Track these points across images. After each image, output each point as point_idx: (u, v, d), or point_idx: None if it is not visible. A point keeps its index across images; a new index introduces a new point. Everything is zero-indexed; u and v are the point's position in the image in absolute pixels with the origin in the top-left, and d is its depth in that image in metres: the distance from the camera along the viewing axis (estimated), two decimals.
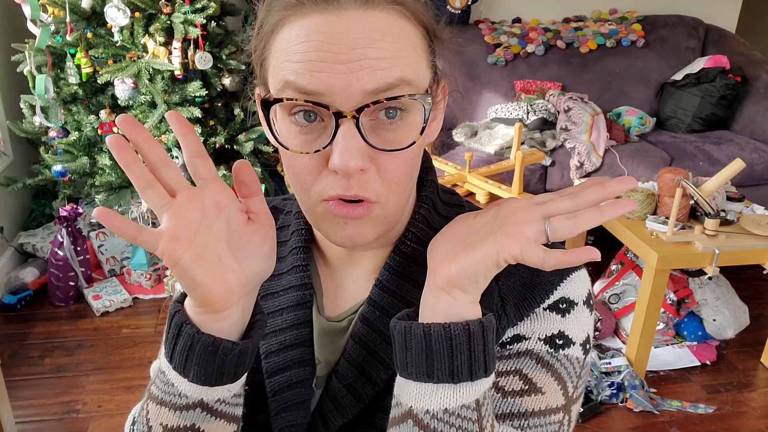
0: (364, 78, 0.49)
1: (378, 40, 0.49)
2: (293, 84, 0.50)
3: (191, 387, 0.53)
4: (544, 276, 0.60)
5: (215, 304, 0.51)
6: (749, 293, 2.66)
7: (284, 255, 0.67)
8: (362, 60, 0.49)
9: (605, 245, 2.97)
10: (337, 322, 0.65)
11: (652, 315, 2.07)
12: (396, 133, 0.53)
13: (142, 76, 2.44)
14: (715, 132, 3.24)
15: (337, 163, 0.50)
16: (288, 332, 0.64)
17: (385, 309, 0.61)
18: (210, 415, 0.55)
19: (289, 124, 0.53)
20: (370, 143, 0.51)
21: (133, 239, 0.48)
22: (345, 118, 0.50)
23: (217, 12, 2.56)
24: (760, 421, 2.03)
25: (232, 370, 0.53)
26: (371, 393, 0.61)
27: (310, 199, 0.55)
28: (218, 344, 0.51)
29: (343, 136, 0.50)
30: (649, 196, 2.15)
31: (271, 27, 0.53)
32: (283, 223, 0.70)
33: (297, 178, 0.55)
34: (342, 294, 0.67)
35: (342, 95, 0.49)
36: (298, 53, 0.50)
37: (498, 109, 3.19)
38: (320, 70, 0.49)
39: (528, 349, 0.59)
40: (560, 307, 0.60)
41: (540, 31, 3.45)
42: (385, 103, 0.50)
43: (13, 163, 2.87)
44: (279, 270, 0.67)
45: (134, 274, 2.70)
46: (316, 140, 0.52)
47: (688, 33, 3.52)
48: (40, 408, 2.02)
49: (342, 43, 0.49)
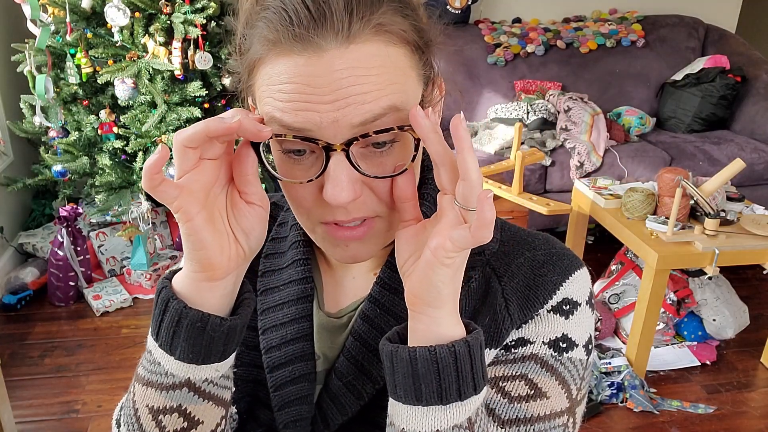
0: (350, 113, 0.48)
1: (363, 76, 0.48)
2: (280, 121, 0.50)
3: (178, 365, 0.52)
4: (547, 276, 0.60)
5: (216, 270, 0.51)
6: (749, 293, 2.66)
7: (284, 250, 0.67)
8: (348, 97, 0.48)
9: (605, 245, 2.97)
10: (336, 318, 0.65)
11: (652, 315, 2.07)
12: (387, 158, 0.52)
13: (142, 76, 2.44)
14: (715, 132, 3.24)
15: (330, 195, 0.50)
16: (289, 326, 0.64)
17: (386, 306, 0.61)
18: (197, 395, 0.54)
19: (280, 155, 0.53)
20: (362, 172, 0.51)
21: (152, 188, 0.48)
22: (335, 151, 0.50)
23: (217, 12, 2.56)
24: (760, 421, 2.03)
25: (220, 348, 0.53)
26: (371, 391, 0.61)
27: (308, 221, 0.56)
28: (206, 320, 0.51)
29: (333, 169, 0.50)
30: (649, 196, 2.15)
31: (252, 62, 0.52)
32: (283, 219, 0.70)
33: (294, 204, 0.56)
34: (341, 290, 0.67)
35: (330, 130, 0.49)
36: (281, 93, 0.49)
37: (498, 109, 3.19)
38: (306, 109, 0.49)
39: (533, 354, 0.59)
40: (564, 308, 0.60)
41: (540, 31, 3.45)
42: (374, 137, 0.50)
43: (13, 163, 2.87)
44: (279, 265, 0.67)
45: (134, 274, 2.70)
46: (308, 169, 0.52)
47: (688, 33, 3.52)
48: (40, 408, 2.02)
49: (325, 86, 0.48)
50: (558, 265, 0.61)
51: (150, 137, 2.48)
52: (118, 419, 0.62)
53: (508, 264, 0.62)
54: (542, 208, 2.15)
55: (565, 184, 2.88)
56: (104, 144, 2.54)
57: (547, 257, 0.62)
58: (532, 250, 0.63)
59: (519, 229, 0.66)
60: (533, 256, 0.62)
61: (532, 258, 0.62)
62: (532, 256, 0.62)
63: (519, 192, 2.24)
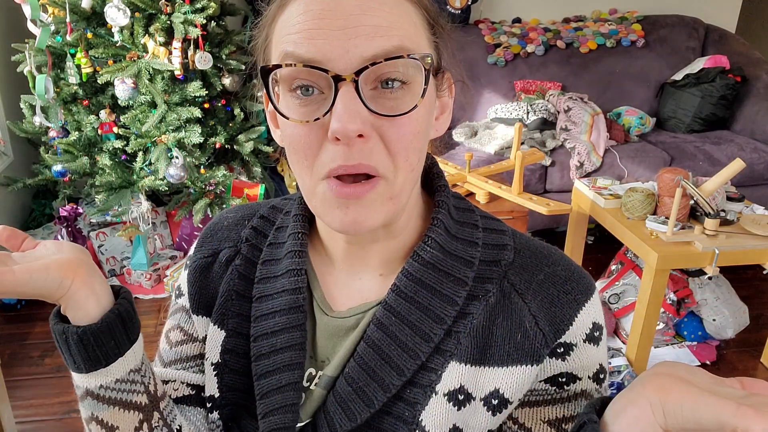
0: (361, 45, 0.49)
1: (374, 8, 0.50)
2: (292, 54, 0.51)
3: (77, 377, 0.58)
4: (571, 294, 0.61)
5: (54, 295, 0.55)
6: (749, 293, 2.66)
7: (280, 257, 0.67)
8: (358, 26, 0.49)
9: (605, 245, 2.97)
10: (343, 318, 0.64)
11: (652, 315, 2.07)
12: (397, 102, 0.52)
13: (142, 76, 2.44)
14: (715, 132, 3.24)
15: (336, 126, 0.49)
16: (279, 335, 0.63)
17: (402, 315, 0.60)
18: (100, 402, 0.58)
19: (288, 98, 0.53)
20: (370, 108, 0.50)
21: None
22: (344, 82, 0.49)
23: (217, 12, 2.56)
24: None
25: (95, 353, 0.56)
26: (382, 399, 0.59)
27: (311, 178, 0.54)
28: (66, 330, 0.55)
29: (341, 99, 0.49)
30: (649, 196, 2.15)
31: (273, 10, 0.55)
32: (282, 223, 0.70)
33: (297, 155, 0.54)
34: (348, 292, 0.66)
35: (340, 62, 0.49)
36: (296, 24, 0.51)
37: (498, 109, 3.19)
38: (317, 37, 0.50)
39: (583, 390, 0.60)
40: (595, 335, 0.61)
41: (540, 31, 3.45)
42: (384, 64, 0.50)
43: (13, 163, 2.87)
44: (274, 272, 0.66)
45: (134, 274, 2.70)
46: (315, 111, 0.52)
47: (688, 33, 3.52)
48: (40, 408, 2.02)
49: (337, 9, 0.49)
50: (580, 283, 0.62)
51: (150, 137, 2.48)
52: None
53: (529, 280, 0.61)
54: (542, 208, 2.15)
55: (565, 184, 2.88)
56: (104, 144, 2.54)
57: (568, 274, 0.62)
58: (551, 266, 0.62)
59: (529, 239, 0.66)
60: (553, 272, 0.62)
61: (552, 274, 0.62)
62: (552, 272, 0.62)
63: (519, 192, 2.24)
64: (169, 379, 0.70)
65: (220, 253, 0.71)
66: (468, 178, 2.36)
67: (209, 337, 0.69)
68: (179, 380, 0.70)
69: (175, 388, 0.70)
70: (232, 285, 0.68)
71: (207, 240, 0.73)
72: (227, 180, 2.65)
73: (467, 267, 0.61)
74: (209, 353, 0.69)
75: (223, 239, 0.72)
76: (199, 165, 2.61)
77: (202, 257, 0.71)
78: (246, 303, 0.67)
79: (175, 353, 0.71)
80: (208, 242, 0.72)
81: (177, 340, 0.72)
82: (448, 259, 0.61)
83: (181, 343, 0.72)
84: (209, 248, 0.72)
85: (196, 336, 0.71)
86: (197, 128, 2.52)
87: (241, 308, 0.68)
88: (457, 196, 0.68)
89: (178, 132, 2.49)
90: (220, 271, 0.70)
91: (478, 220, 0.65)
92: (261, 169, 2.83)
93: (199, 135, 2.51)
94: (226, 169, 2.65)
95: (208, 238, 0.73)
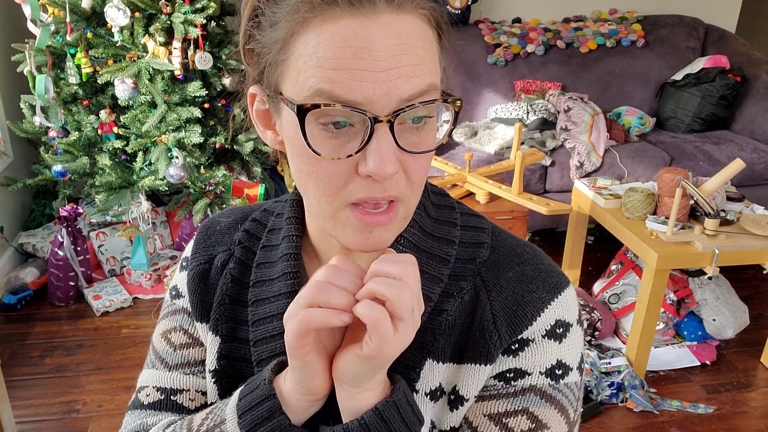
0: (402, 86, 0.49)
1: (413, 46, 0.49)
2: (329, 93, 0.48)
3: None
4: (536, 293, 0.61)
5: (320, 393, 0.55)
6: (749, 293, 2.66)
7: (275, 260, 0.67)
8: (400, 67, 0.48)
9: (605, 245, 2.98)
10: None
11: (652, 315, 2.07)
12: (420, 137, 0.53)
13: (142, 76, 2.44)
14: (715, 132, 3.24)
15: (374, 168, 0.50)
16: (279, 339, 0.64)
17: None
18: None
19: (316, 130, 0.51)
20: (402, 147, 0.51)
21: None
22: (380, 123, 0.49)
23: (217, 12, 2.56)
24: (760, 421, 2.03)
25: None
26: None
27: (333, 203, 0.54)
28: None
29: (379, 140, 0.49)
30: (649, 196, 2.15)
31: (290, 27, 0.50)
32: (274, 225, 0.70)
33: (322, 184, 0.53)
34: None
35: (380, 103, 0.49)
36: (334, 60, 0.48)
37: (498, 109, 3.19)
38: (359, 79, 0.48)
39: (531, 385, 0.60)
40: (557, 332, 0.60)
41: (540, 31, 3.45)
42: (419, 108, 0.50)
43: (13, 163, 2.87)
44: (269, 276, 0.66)
45: (134, 274, 2.70)
46: (345, 145, 0.51)
47: (688, 33, 3.52)
48: (40, 408, 2.02)
49: (381, 50, 0.47)
50: (547, 282, 0.61)
51: (150, 137, 2.48)
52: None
53: (497, 277, 0.62)
54: (542, 208, 2.15)
55: (565, 184, 2.88)
56: (104, 144, 2.54)
57: (535, 273, 0.62)
58: (521, 265, 0.63)
59: (509, 236, 0.66)
60: (522, 271, 0.62)
61: (520, 273, 0.62)
62: (520, 270, 0.62)
63: (519, 192, 2.24)
64: (183, 387, 0.70)
65: (215, 258, 0.71)
66: (468, 178, 2.36)
67: (208, 345, 0.69)
68: (193, 389, 0.70)
69: (191, 398, 0.70)
70: (225, 289, 0.68)
71: (201, 245, 0.73)
72: (227, 180, 2.65)
73: (442, 264, 0.62)
74: (208, 361, 0.69)
75: (217, 243, 0.72)
76: (199, 165, 2.61)
77: (199, 264, 0.71)
78: (240, 307, 0.68)
79: (180, 356, 0.71)
80: (203, 248, 0.72)
81: (181, 343, 0.72)
82: (423, 257, 0.62)
83: (186, 347, 0.72)
84: (205, 254, 0.72)
85: (200, 340, 0.71)
86: (197, 128, 2.52)
87: (234, 312, 0.68)
88: (439, 193, 0.68)
89: (178, 132, 2.49)
90: (217, 277, 0.70)
91: (457, 218, 0.66)
92: (261, 169, 2.83)
93: (199, 135, 2.51)
94: (226, 169, 2.65)
95: (202, 243, 0.73)
